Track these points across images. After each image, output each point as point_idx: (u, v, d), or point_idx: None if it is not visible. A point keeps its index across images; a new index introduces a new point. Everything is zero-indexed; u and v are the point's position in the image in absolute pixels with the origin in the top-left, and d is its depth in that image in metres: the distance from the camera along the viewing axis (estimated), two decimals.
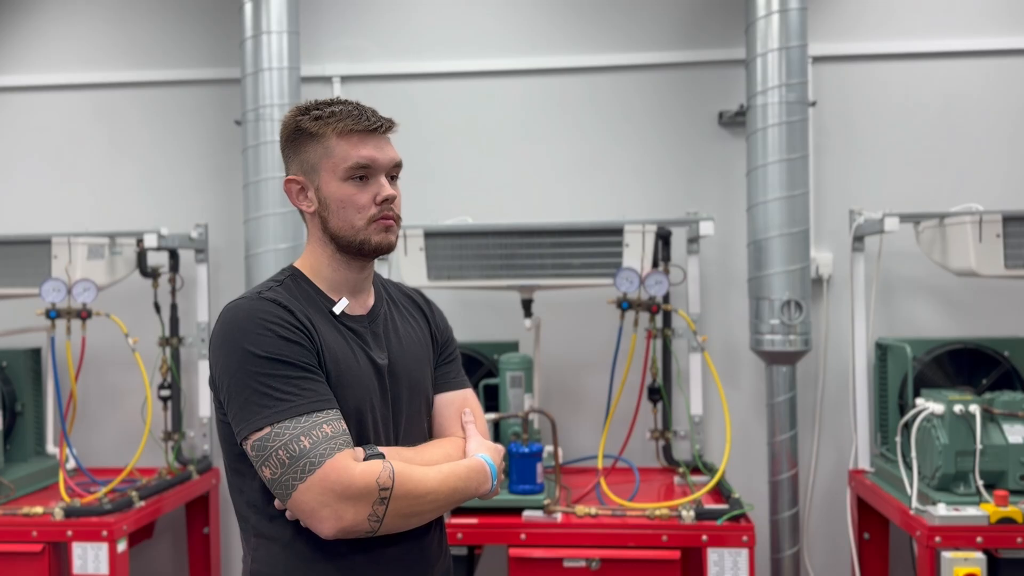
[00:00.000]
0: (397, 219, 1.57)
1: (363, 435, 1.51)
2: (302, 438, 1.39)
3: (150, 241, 3.19)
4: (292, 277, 1.57)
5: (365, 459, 1.44)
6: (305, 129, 1.54)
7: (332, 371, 1.49)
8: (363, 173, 1.53)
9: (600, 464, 2.99)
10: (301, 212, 1.60)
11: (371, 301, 1.63)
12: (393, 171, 1.57)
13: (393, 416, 1.58)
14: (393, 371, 1.58)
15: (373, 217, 1.53)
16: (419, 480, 1.46)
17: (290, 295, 1.52)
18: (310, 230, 1.60)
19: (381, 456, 1.46)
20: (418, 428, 1.63)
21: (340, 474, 1.38)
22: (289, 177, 1.58)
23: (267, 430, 1.40)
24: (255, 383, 1.41)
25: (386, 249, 1.56)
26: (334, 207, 1.53)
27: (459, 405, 1.69)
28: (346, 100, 1.57)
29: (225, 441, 1.51)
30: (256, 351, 1.42)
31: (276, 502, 1.46)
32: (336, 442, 1.40)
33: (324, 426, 1.41)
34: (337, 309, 1.55)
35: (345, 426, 1.45)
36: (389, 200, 1.54)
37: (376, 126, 1.54)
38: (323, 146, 1.53)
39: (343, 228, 1.53)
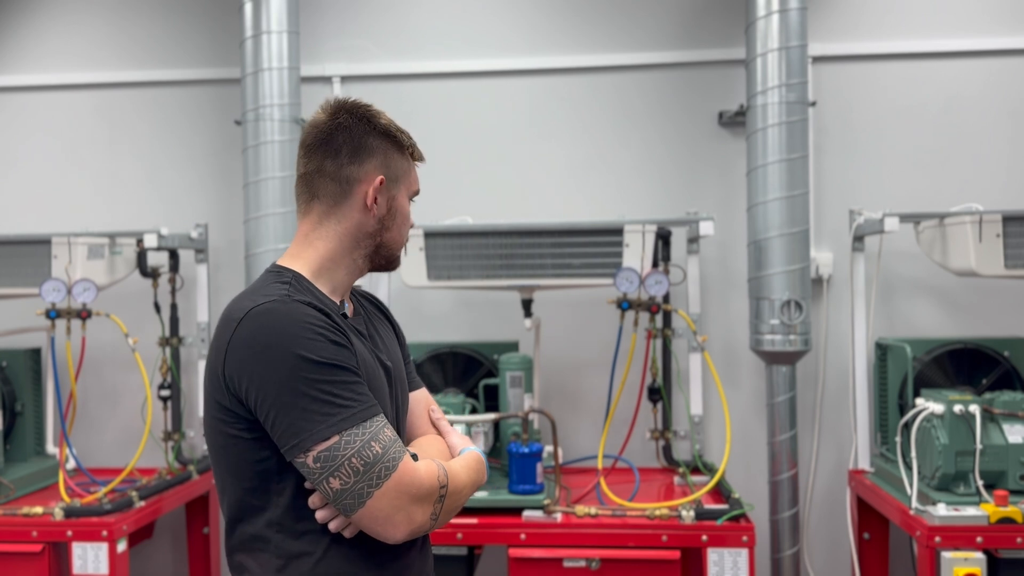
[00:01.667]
0: None
1: None
2: (373, 443, 1.35)
3: (150, 241, 3.19)
4: (296, 279, 1.49)
5: None
6: (397, 139, 1.56)
7: (363, 375, 1.44)
8: (415, 199, 1.62)
9: (600, 464, 2.99)
10: (322, 208, 1.52)
11: (352, 305, 1.62)
12: None
13: (395, 416, 1.58)
14: (394, 372, 1.58)
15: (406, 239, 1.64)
16: (456, 476, 1.48)
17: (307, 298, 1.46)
18: (345, 228, 1.52)
19: (415, 456, 1.46)
20: (404, 427, 1.65)
21: (412, 476, 1.38)
22: (382, 176, 1.52)
23: (335, 439, 1.33)
24: (314, 391, 1.34)
25: (396, 268, 1.66)
26: (400, 220, 1.57)
27: (425, 403, 1.70)
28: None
29: (241, 459, 1.41)
30: (313, 357, 1.35)
31: (320, 513, 1.40)
32: (399, 444, 1.40)
33: (385, 430, 1.39)
34: (345, 312, 1.53)
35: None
36: (412, 227, 1.65)
37: (421, 158, 1.63)
38: (407, 162, 1.58)
39: (396, 242, 1.58)
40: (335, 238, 1.52)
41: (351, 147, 1.51)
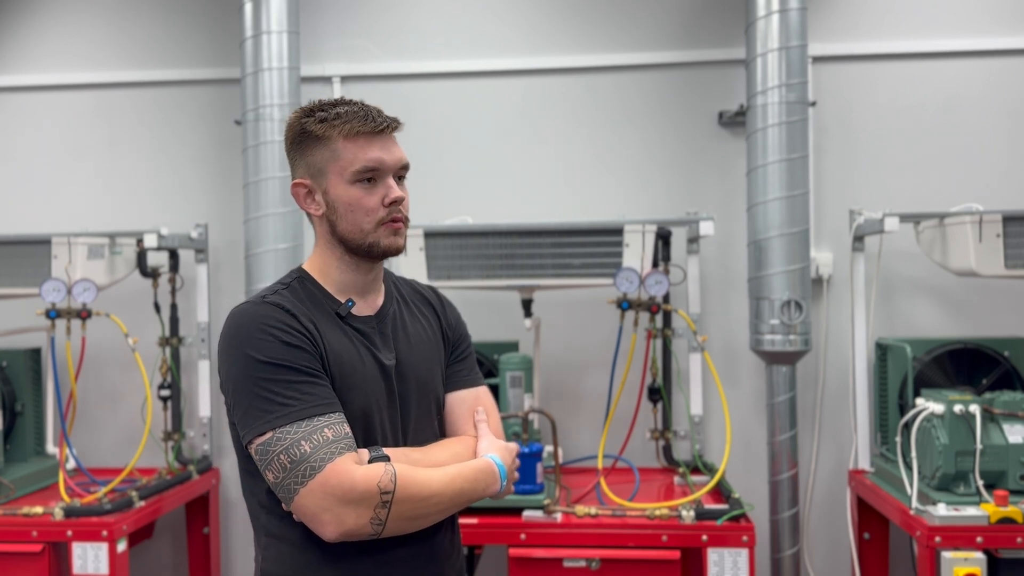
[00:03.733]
0: (405, 221, 1.56)
1: (370, 437, 1.51)
2: (303, 442, 1.39)
3: (150, 241, 3.19)
4: (299, 279, 1.57)
5: (369, 461, 1.43)
6: (311, 132, 1.52)
7: (336, 374, 1.48)
8: (371, 176, 1.51)
9: (600, 464, 2.99)
10: (309, 215, 1.59)
11: (380, 301, 1.62)
12: (400, 172, 1.56)
13: (401, 417, 1.57)
14: (400, 372, 1.57)
15: (382, 220, 1.52)
16: (423, 483, 1.45)
17: (296, 298, 1.52)
18: (318, 232, 1.59)
19: (385, 458, 1.45)
20: (428, 429, 1.62)
21: (341, 478, 1.38)
22: (296, 181, 1.56)
23: (269, 434, 1.40)
24: (258, 388, 1.42)
25: (395, 252, 1.56)
26: (342, 210, 1.52)
27: (471, 403, 1.68)
28: (351, 100, 1.55)
29: (237, 443, 1.52)
30: (259, 356, 1.43)
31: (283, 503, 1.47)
32: (338, 446, 1.40)
33: (325, 430, 1.41)
34: (343, 311, 1.55)
35: (348, 429, 1.44)
36: (397, 202, 1.53)
37: (383, 127, 1.52)
38: (330, 149, 1.52)
39: (352, 231, 1.53)
40: (318, 244, 1.61)
41: (289, 165, 1.61)
